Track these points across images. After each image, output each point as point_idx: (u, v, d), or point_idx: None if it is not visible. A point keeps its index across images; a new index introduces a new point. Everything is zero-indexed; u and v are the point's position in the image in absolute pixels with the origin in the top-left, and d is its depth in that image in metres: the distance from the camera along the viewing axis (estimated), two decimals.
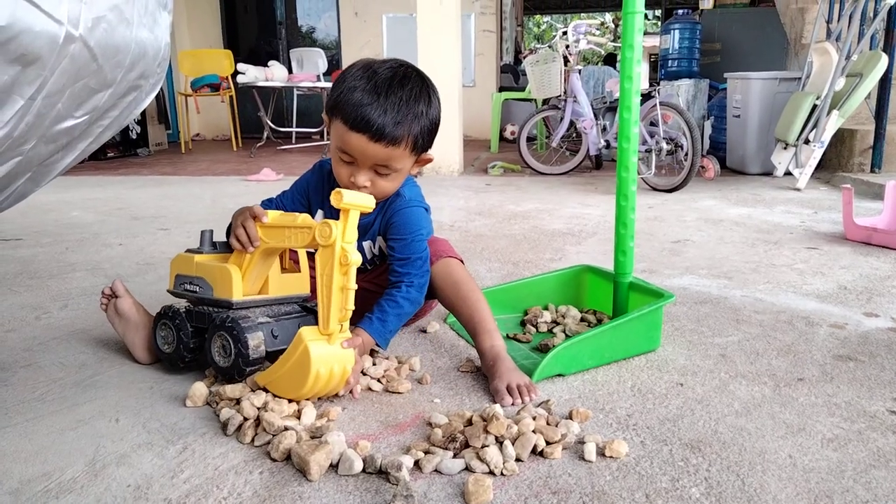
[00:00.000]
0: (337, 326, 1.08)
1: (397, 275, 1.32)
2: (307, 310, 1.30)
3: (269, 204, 1.40)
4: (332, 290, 1.07)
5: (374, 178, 1.25)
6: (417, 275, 1.32)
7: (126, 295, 1.34)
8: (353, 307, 1.09)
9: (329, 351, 1.08)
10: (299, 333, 1.08)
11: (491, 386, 1.19)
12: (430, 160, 1.36)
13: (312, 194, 1.42)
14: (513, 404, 1.13)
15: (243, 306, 1.20)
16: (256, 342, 1.14)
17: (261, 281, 1.25)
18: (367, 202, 1.10)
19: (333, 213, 1.27)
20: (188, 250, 1.28)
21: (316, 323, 1.13)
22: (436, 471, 0.94)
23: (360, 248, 1.40)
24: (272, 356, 1.16)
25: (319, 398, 1.15)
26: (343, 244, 1.07)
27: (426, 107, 1.25)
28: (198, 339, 1.23)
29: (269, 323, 1.20)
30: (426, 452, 0.97)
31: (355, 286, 1.08)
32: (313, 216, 1.43)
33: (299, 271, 1.30)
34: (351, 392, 1.17)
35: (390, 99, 1.19)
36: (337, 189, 1.07)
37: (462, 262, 1.42)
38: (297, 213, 1.18)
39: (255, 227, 1.18)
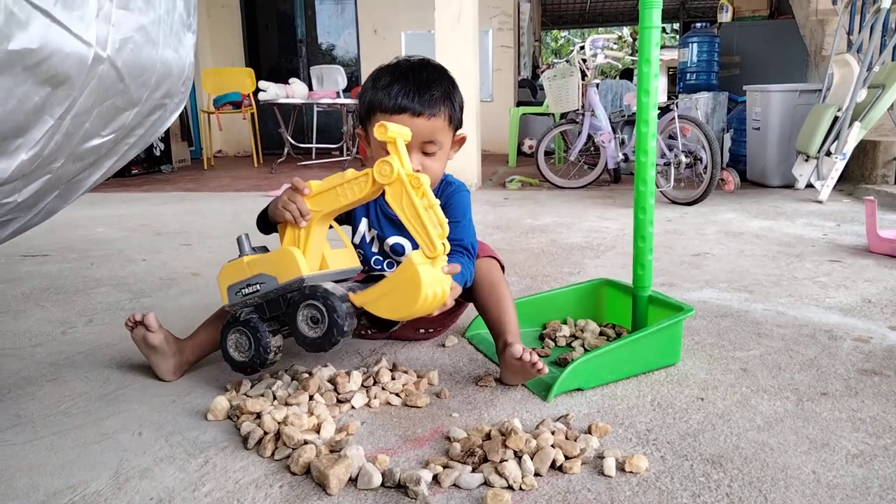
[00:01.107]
0: (441, 247, 1.11)
1: (451, 255, 1.32)
2: (372, 279, 1.33)
3: None
4: (419, 214, 1.10)
5: (423, 160, 1.32)
6: (470, 261, 1.37)
7: (159, 331, 1.30)
8: (445, 219, 1.12)
9: (435, 274, 1.12)
10: (409, 257, 1.10)
11: (502, 362, 1.24)
12: (464, 139, 1.44)
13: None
14: (520, 357, 1.18)
15: (314, 281, 1.19)
16: (348, 311, 1.15)
17: (319, 256, 1.25)
18: (405, 131, 1.15)
19: (379, 222, 1.38)
20: (230, 262, 1.27)
21: None
22: (454, 485, 0.94)
23: (403, 239, 1.43)
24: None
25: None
26: (405, 170, 1.11)
27: (452, 84, 1.36)
28: (279, 342, 1.23)
29: (350, 289, 1.22)
30: (445, 467, 0.97)
31: (437, 201, 1.12)
32: (356, 227, 1.45)
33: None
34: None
35: (420, 77, 1.31)
36: (380, 122, 1.11)
37: (503, 267, 1.46)
38: (339, 174, 1.19)
39: (303, 201, 1.20)
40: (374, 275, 1.39)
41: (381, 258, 1.45)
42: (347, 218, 1.46)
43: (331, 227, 1.30)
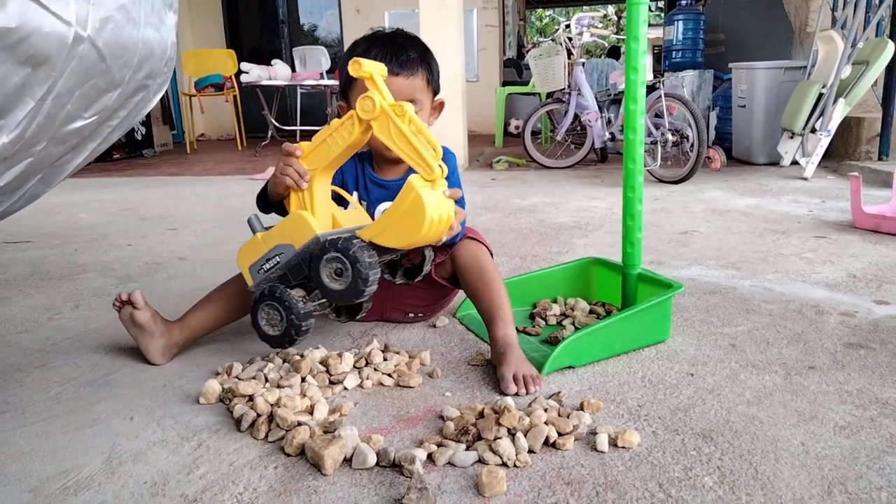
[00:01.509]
0: (438, 169, 1.10)
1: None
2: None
3: None
4: (409, 141, 1.10)
5: None
6: (461, 207, 1.34)
7: (145, 308, 1.31)
8: (437, 142, 1.12)
9: (437, 197, 1.11)
10: (408, 181, 1.10)
11: (497, 372, 1.20)
12: (443, 104, 1.46)
13: (348, 176, 1.46)
14: (517, 394, 1.14)
15: (330, 237, 1.18)
16: (370, 259, 1.14)
17: (328, 215, 1.25)
18: (380, 68, 1.16)
19: (367, 192, 1.39)
20: (245, 242, 1.26)
21: (416, 252, 1.26)
22: (449, 463, 0.94)
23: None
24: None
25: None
26: (386, 102, 1.11)
27: (427, 50, 1.39)
28: (309, 309, 1.20)
29: (366, 246, 1.20)
30: (439, 445, 0.97)
31: (424, 124, 1.13)
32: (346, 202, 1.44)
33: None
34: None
35: (396, 41, 1.36)
36: (353, 59, 1.13)
37: (492, 253, 1.44)
38: (325, 126, 1.20)
39: (299, 162, 1.20)
40: None
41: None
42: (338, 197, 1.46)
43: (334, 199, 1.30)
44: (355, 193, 1.46)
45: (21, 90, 0.84)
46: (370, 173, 1.45)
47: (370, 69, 1.12)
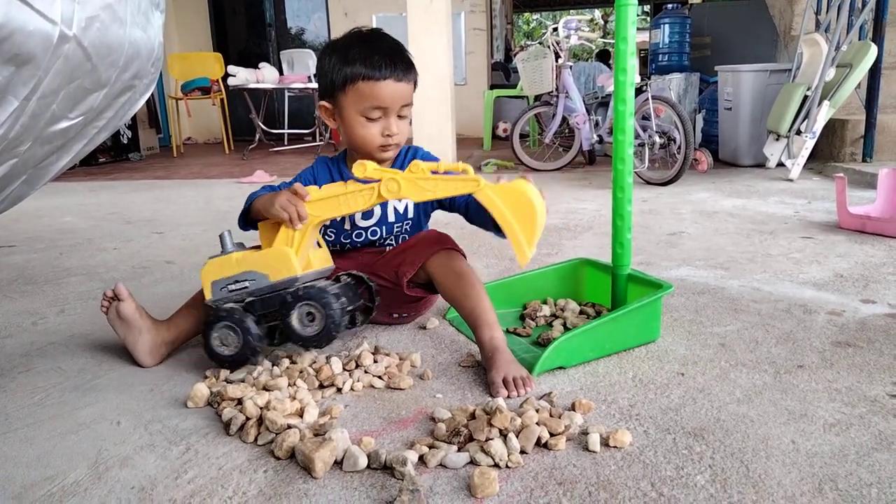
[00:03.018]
0: (477, 175, 1.17)
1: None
2: (352, 276, 1.37)
3: (273, 188, 1.41)
4: (440, 179, 1.16)
5: (398, 123, 1.38)
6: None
7: (129, 299, 1.32)
8: (460, 163, 1.19)
9: (504, 182, 1.17)
10: (478, 190, 1.15)
11: (488, 377, 1.19)
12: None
13: (320, 180, 1.46)
14: (508, 396, 1.14)
15: (306, 280, 1.23)
16: (343, 306, 1.20)
17: (306, 256, 1.27)
18: (372, 163, 1.21)
19: None
20: (213, 257, 1.28)
21: (364, 289, 1.35)
22: (441, 465, 0.94)
23: (385, 207, 1.48)
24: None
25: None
26: (402, 174, 1.17)
27: (406, 49, 1.41)
28: (266, 330, 1.24)
29: (341, 285, 1.27)
30: (430, 447, 0.97)
31: (438, 160, 1.21)
32: None
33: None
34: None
35: (390, 44, 1.37)
36: (358, 163, 1.18)
37: (464, 255, 1.45)
38: (339, 183, 1.24)
39: (304, 206, 1.22)
40: (343, 276, 1.38)
41: (349, 231, 1.48)
42: None
43: None
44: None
45: (4, 89, 0.83)
46: (346, 173, 1.45)
47: (374, 169, 1.18)
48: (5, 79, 0.82)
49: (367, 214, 1.46)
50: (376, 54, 1.33)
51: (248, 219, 1.35)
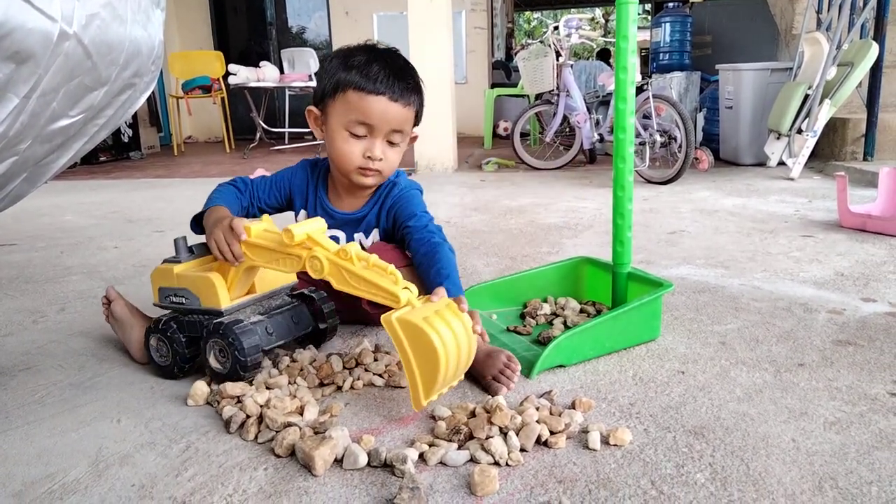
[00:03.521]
0: (405, 292, 1.02)
1: (427, 240, 1.28)
2: (299, 297, 1.31)
3: (244, 185, 1.39)
4: (365, 278, 1.03)
5: (385, 149, 1.28)
6: (443, 236, 1.32)
7: (118, 298, 1.35)
8: (391, 266, 1.04)
9: (423, 312, 1.00)
10: (384, 318, 1.00)
11: (482, 383, 1.18)
12: (416, 137, 1.40)
13: (296, 194, 1.42)
14: (508, 389, 1.14)
15: (233, 310, 1.20)
16: (252, 344, 1.14)
17: (248, 286, 1.24)
18: (319, 223, 1.12)
19: (318, 215, 1.31)
20: (165, 260, 1.27)
21: (311, 309, 1.25)
22: (441, 463, 0.94)
23: (350, 237, 1.42)
24: (269, 353, 1.18)
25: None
26: (330, 255, 1.06)
27: (418, 76, 1.31)
28: (193, 348, 1.22)
29: (262, 321, 1.21)
30: (430, 445, 0.97)
31: (372, 256, 1.06)
32: (296, 214, 1.44)
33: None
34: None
35: (397, 63, 1.27)
36: (284, 229, 1.07)
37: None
38: (277, 231, 1.14)
39: (238, 246, 1.14)
40: (297, 294, 1.33)
41: None
42: (288, 205, 1.45)
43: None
44: (303, 213, 1.42)
45: (4, 87, 0.83)
46: (323, 200, 1.39)
47: (304, 234, 1.08)
48: (5, 76, 0.82)
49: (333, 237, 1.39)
50: (376, 65, 1.24)
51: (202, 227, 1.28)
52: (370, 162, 1.27)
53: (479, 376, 1.18)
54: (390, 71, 1.25)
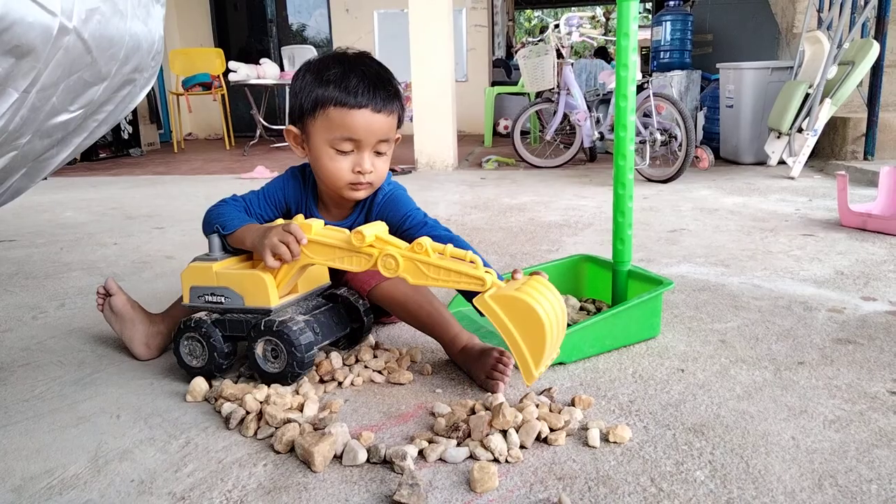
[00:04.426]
0: (487, 275, 1.03)
1: (435, 237, 1.23)
2: (331, 298, 1.29)
3: (236, 204, 1.32)
4: (446, 267, 1.03)
5: (374, 160, 1.25)
6: (445, 227, 1.30)
7: (119, 292, 1.33)
8: (468, 252, 1.05)
9: (517, 288, 1.00)
10: (481, 300, 1.00)
11: (479, 382, 1.18)
12: (399, 139, 1.35)
13: (292, 204, 1.37)
14: (504, 384, 1.14)
15: (280, 310, 1.18)
16: (308, 342, 1.13)
17: (293, 285, 1.22)
18: (382, 226, 1.13)
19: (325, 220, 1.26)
20: (197, 259, 1.23)
21: (346, 310, 1.26)
22: (440, 459, 0.94)
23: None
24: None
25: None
26: (404, 252, 1.06)
27: (395, 79, 1.27)
28: (232, 346, 1.20)
29: (310, 320, 1.19)
30: (430, 441, 0.97)
31: (445, 245, 1.06)
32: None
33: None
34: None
35: (372, 70, 1.22)
36: (355, 231, 1.08)
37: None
38: (342, 229, 1.14)
39: (298, 248, 1.12)
40: (333, 295, 1.31)
41: None
42: (284, 217, 1.39)
43: None
44: (299, 217, 1.40)
45: (4, 81, 0.83)
46: (312, 210, 1.36)
47: (373, 234, 1.08)
48: (5, 70, 0.82)
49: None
50: (353, 77, 1.19)
51: (217, 232, 1.24)
52: (360, 176, 1.23)
53: (474, 375, 1.18)
54: (369, 81, 1.20)
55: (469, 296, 1.09)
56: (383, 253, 1.07)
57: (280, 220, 1.19)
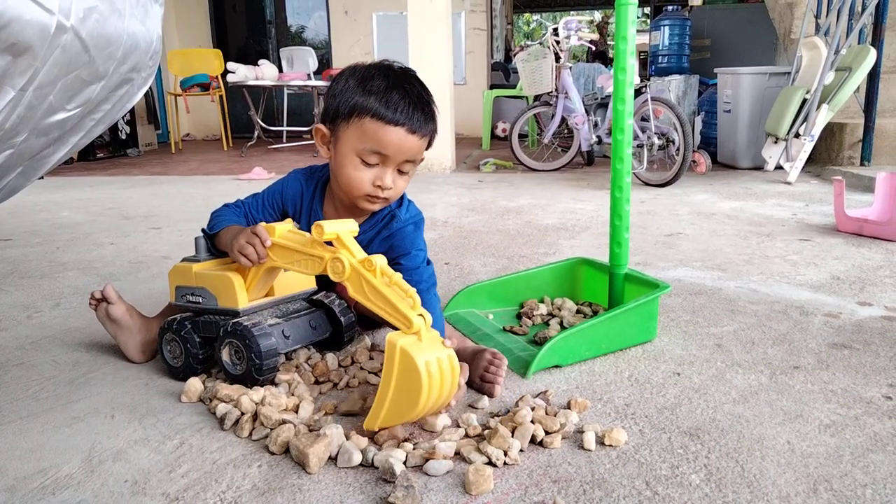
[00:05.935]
0: (419, 319, 0.96)
1: (414, 283, 1.22)
2: (315, 304, 1.29)
3: (236, 209, 1.33)
4: (384, 294, 1.00)
5: (396, 178, 1.23)
6: (432, 281, 1.29)
7: (119, 302, 1.29)
8: (412, 289, 0.99)
9: (428, 347, 0.95)
10: (388, 338, 0.95)
11: (474, 386, 1.17)
12: (423, 159, 1.33)
13: (288, 206, 1.35)
14: (497, 386, 1.13)
15: (250, 312, 1.18)
16: (269, 347, 1.12)
17: (266, 288, 1.22)
18: (350, 225, 1.09)
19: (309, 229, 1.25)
20: (184, 259, 1.25)
21: (327, 313, 1.22)
22: (420, 469, 0.93)
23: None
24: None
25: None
26: (354, 262, 1.03)
27: (434, 102, 1.25)
28: (207, 349, 1.20)
29: (280, 324, 1.18)
30: (426, 443, 0.96)
31: (397, 274, 1.01)
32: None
33: None
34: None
35: (415, 90, 1.20)
36: (315, 224, 1.05)
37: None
38: (303, 233, 1.12)
39: (262, 247, 1.12)
40: (314, 299, 1.31)
41: None
42: (282, 219, 1.37)
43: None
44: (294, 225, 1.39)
45: (1, 79, 0.83)
46: (318, 214, 1.34)
47: (334, 232, 1.05)
48: (2, 68, 0.81)
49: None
50: (396, 93, 1.17)
51: (211, 241, 1.26)
52: (379, 191, 1.22)
53: (469, 379, 1.18)
54: (410, 100, 1.18)
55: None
56: (333, 255, 1.05)
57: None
